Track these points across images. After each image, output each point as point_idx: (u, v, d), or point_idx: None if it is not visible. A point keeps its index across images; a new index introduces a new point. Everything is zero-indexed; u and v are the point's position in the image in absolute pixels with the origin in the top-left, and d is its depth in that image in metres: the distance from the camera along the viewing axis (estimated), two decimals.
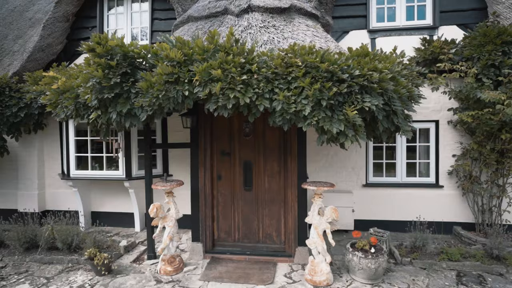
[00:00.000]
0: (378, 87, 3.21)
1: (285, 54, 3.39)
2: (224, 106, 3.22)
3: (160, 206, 4.28)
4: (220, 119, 4.70)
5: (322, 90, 3.14)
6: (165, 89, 3.32)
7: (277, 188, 4.67)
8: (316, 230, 4.00)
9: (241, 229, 4.78)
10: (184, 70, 3.31)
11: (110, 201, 6.23)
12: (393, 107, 3.38)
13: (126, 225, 6.22)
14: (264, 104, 3.20)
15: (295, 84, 3.24)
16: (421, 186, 5.56)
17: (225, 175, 4.79)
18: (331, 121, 3.17)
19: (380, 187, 5.67)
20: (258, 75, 3.26)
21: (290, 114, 3.21)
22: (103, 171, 5.78)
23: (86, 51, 3.55)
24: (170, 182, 4.40)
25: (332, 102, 3.14)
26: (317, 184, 4.08)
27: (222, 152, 4.77)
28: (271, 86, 3.24)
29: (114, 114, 3.62)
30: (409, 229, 5.20)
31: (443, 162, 5.47)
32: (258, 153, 4.68)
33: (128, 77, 3.58)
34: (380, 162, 5.76)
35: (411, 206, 5.56)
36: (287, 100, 3.19)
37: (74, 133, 5.75)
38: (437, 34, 5.43)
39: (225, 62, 3.20)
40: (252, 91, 3.17)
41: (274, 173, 4.66)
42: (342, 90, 3.14)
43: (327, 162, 5.74)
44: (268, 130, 4.63)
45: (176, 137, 5.93)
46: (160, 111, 3.52)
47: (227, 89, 3.15)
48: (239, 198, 4.77)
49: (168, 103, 3.38)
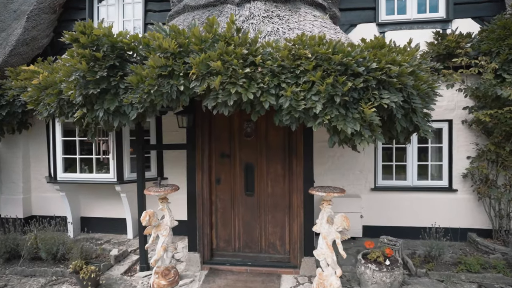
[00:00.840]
0: (398, 82, 2.85)
1: (293, 45, 3.02)
2: (225, 102, 2.85)
3: (153, 213, 3.90)
4: (220, 117, 4.32)
5: (335, 85, 2.77)
6: (158, 84, 2.94)
7: (281, 193, 4.30)
8: (325, 240, 3.64)
9: (242, 238, 4.41)
10: (179, 63, 2.93)
11: (100, 206, 5.84)
12: (412, 104, 3.02)
13: (118, 232, 5.83)
14: (270, 101, 2.82)
15: (304, 79, 2.87)
16: (433, 190, 5.22)
17: (224, 178, 4.41)
18: (345, 120, 2.81)
19: (390, 191, 5.33)
20: (262, 68, 2.89)
21: (299, 112, 2.84)
22: (92, 174, 5.37)
23: (69, 41, 3.16)
24: (164, 187, 4.01)
25: (347, 98, 2.78)
26: (326, 189, 3.71)
27: (221, 153, 4.40)
28: (277, 81, 2.87)
29: (101, 112, 3.23)
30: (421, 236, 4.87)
31: (456, 165, 5.13)
32: (261, 154, 4.31)
33: (116, 71, 3.19)
34: (389, 164, 5.41)
35: (422, 211, 5.22)
36: (295, 97, 2.82)
37: (61, 133, 5.34)
38: (450, 28, 5.09)
39: (226, 53, 2.82)
40: (256, 86, 2.80)
41: (278, 176, 4.29)
42: (358, 85, 2.78)
43: (333, 164, 5.38)
44: (272, 129, 4.26)
45: (172, 138, 5.55)
46: (152, 109, 3.14)
47: (228, 83, 2.77)
48: (239, 203, 4.40)
49: (161, 100, 2.99)
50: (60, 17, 5.86)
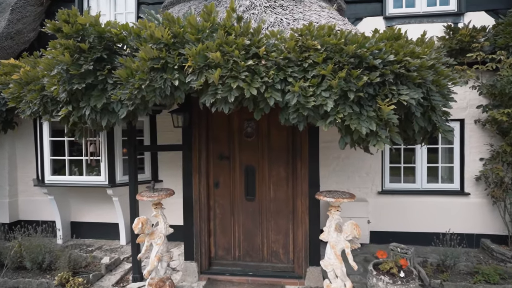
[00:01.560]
0: (418, 77, 2.55)
1: (300, 35, 2.72)
2: (225, 99, 2.54)
3: (147, 220, 3.58)
4: (218, 116, 4.01)
5: (349, 79, 2.47)
6: (150, 78, 2.63)
7: (284, 197, 4.00)
8: (333, 249, 3.34)
9: (242, 246, 4.10)
10: (173, 54, 2.62)
11: (92, 211, 5.51)
12: (432, 101, 2.73)
13: (110, 237, 5.51)
14: (275, 97, 2.52)
15: (313, 73, 2.57)
16: (443, 193, 4.94)
17: (223, 182, 4.10)
18: (359, 119, 2.51)
19: (398, 195, 5.04)
20: (266, 61, 2.59)
21: (307, 110, 2.54)
22: (82, 177, 5.05)
23: (51, 31, 2.84)
24: (158, 192, 3.70)
25: (361, 94, 2.48)
26: (335, 194, 3.42)
27: (220, 155, 4.09)
28: (283, 75, 2.57)
29: (87, 110, 2.92)
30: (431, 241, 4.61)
31: (469, 167, 4.86)
32: (262, 156, 4.01)
33: (104, 64, 2.88)
34: (397, 166, 5.12)
35: (432, 216, 4.94)
36: (304, 92, 2.51)
37: (48, 132, 5.01)
38: (462, 21, 4.81)
39: (226, 43, 2.52)
40: (260, 80, 2.49)
41: (281, 180, 3.99)
42: (374, 79, 2.48)
43: (338, 166, 5.09)
44: (274, 129, 3.96)
45: (167, 138, 5.24)
46: (143, 106, 2.82)
47: (228, 77, 2.47)
48: (239, 209, 4.09)
49: (153, 96, 2.68)
50: (48, 9, 5.51)
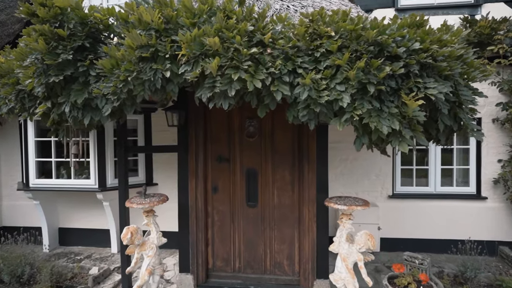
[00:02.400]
0: (447, 68, 2.21)
1: (310, 21, 2.38)
2: (224, 93, 2.19)
3: (136, 229, 3.23)
4: (217, 114, 3.67)
5: (368, 70, 2.13)
6: (137, 69, 2.27)
7: (289, 203, 3.65)
8: (344, 262, 3.00)
9: (243, 256, 3.75)
10: (164, 42, 2.27)
11: (81, 216, 5.14)
12: (461, 97, 2.39)
13: (101, 245, 5.14)
14: (283, 91, 2.17)
15: (327, 63, 2.23)
16: (458, 197, 4.61)
17: (222, 186, 3.75)
18: (379, 116, 2.17)
19: (409, 199, 4.70)
20: (272, 50, 2.24)
21: (320, 106, 2.19)
22: (70, 180, 4.68)
23: (24, 15, 2.49)
24: (150, 198, 3.35)
25: (383, 88, 2.14)
26: (347, 201, 3.07)
27: (219, 157, 3.74)
28: (292, 65, 2.22)
29: (67, 107, 2.56)
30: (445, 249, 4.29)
31: (486, 169, 4.53)
32: (265, 158, 3.66)
33: (86, 54, 2.52)
34: (409, 168, 4.78)
35: (446, 221, 4.61)
36: (315, 85, 2.17)
37: (33, 132, 4.65)
38: (480, 13, 4.48)
39: (226, 28, 2.17)
40: (265, 71, 2.15)
41: (286, 184, 3.64)
42: (397, 70, 2.14)
43: (345, 168, 4.74)
44: (278, 128, 3.61)
45: (163, 138, 4.88)
46: (131, 102, 2.47)
47: (228, 67, 2.12)
48: (240, 216, 3.74)
49: (141, 90, 2.33)
50: None
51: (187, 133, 3.61)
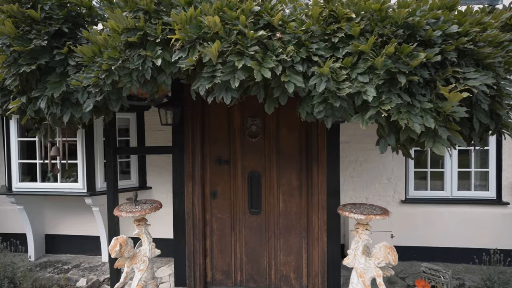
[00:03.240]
0: (491, 55, 1.88)
1: (326, 2, 2.03)
2: (226, 84, 1.83)
3: (126, 240, 2.88)
4: (216, 111, 3.32)
5: (398, 57, 1.79)
6: (123, 57, 1.92)
7: (296, 210, 3.30)
8: (361, 278, 2.66)
9: (245, 268, 3.40)
10: (155, 24, 1.92)
11: (69, 222, 4.77)
12: (503, 90, 2.05)
13: (91, 252, 4.78)
14: (296, 82, 1.82)
15: (346, 50, 1.88)
16: (477, 202, 4.27)
17: (222, 191, 3.40)
18: (410, 112, 1.82)
19: (423, 204, 4.37)
20: (283, 34, 1.90)
21: (339, 100, 1.84)
22: (57, 184, 4.31)
23: None
24: (141, 205, 2.99)
25: (416, 78, 1.79)
26: (363, 209, 2.73)
27: (218, 159, 3.38)
28: (306, 52, 1.88)
29: (43, 102, 2.20)
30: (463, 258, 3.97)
31: (507, 172, 4.20)
32: (270, 160, 3.31)
33: (64, 40, 2.17)
34: (423, 171, 4.45)
35: (463, 228, 4.28)
36: (335, 76, 1.82)
37: (16, 131, 4.27)
38: (501, 3, 4.15)
39: (228, 6, 1.82)
40: (275, 58, 1.80)
41: (293, 189, 3.30)
42: (431, 58, 1.80)
43: (354, 171, 4.40)
44: (284, 127, 3.26)
45: (157, 138, 4.51)
46: (116, 96, 2.11)
47: (231, 53, 1.77)
48: (242, 224, 3.39)
49: (128, 81, 1.98)
50: None
51: (183, 133, 3.25)
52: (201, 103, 3.19)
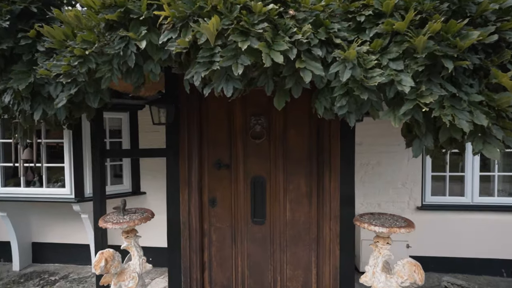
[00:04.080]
0: None
1: None
2: (226, 72, 1.47)
3: (113, 255, 2.52)
4: (215, 108, 2.96)
5: (444, 37, 1.43)
6: (101, 40, 1.56)
7: (305, 219, 2.94)
8: None
9: (247, 283, 3.04)
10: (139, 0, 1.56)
11: (57, 229, 4.41)
12: None
13: (81, 262, 4.42)
14: (313, 70, 1.46)
15: (376, 30, 1.53)
16: (501, 209, 3.91)
17: (222, 198, 3.04)
18: (454, 107, 1.47)
19: (441, 211, 4.01)
20: (297, 11, 1.54)
21: (368, 92, 1.49)
22: (42, 189, 3.97)
23: None
24: (129, 215, 2.63)
25: (467, 63, 1.43)
26: (384, 220, 2.38)
27: (218, 162, 3.02)
28: (325, 33, 1.52)
29: (8, 96, 1.85)
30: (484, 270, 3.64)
31: None
32: (275, 164, 2.95)
33: (32, 22, 1.81)
34: (441, 175, 4.09)
35: (486, 237, 3.92)
36: (363, 61, 1.47)
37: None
38: None
39: None
40: (288, 39, 1.44)
41: (301, 196, 2.94)
42: (485, 38, 1.44)
43: (367, 175, 4.04)
44: (292, 127, 2.90)
45: (152, 140, 4.15)
46: (94, 89, 1.75)
47: (232, 32, 1.41)
48: (244, 235, 3.03)
49: (107, 70, 1.61)
50: None
51: (178, 133, 2.89)
52: (198, 99, 2.84)
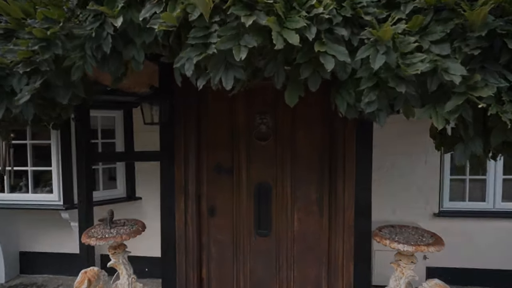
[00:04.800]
0: None
1: None
2: (225, 58, 1.16)
3: (97, 274, 2.22)
4: (215, 106, 2.65)
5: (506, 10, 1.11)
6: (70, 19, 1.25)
7: (315, 231, 2.62)
8: None
9: None
10: None
11: (46, 238, 4.12)
12: None
13: (71, 272, 4.06)
14: (336, 54, 1.15)
15: (414, 4, 1.21)
16: None
17: (222, 207, 2.72)
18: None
19: (460, 217, 3.69)
20: None
21: (406, 84, 1.17)
22: (28, 195, 3.68)
23: None
24: (117, 228, 2.32)
25: None
26: (407, 235, 2.08)
27: (218, 167, 2.70)
28: (351, 9, 1.20)
29: None
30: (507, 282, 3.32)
31: None
32: (282, 169, 2.63)
33: None
34: (460, 179, 3.76)
35: (508, 246, 3.60)
36: (399, 44, 1.15)
37: None
38: None
39: None
40: (304, 15, 1.12)
41: (310, 204, 2.62)
42: None
43: (379, 178, 3.71)
44: (301, 127, 2.58)
45: (148, 140, 3.78)
46: (64, 82, 1.43)
47: (233, 4, 1.09)
48: (246, 248, 2.72)
49: (79, 57, 1.30)
50: None
51: (173, 134, 2.58)
52: (195, 95, 2.52)
